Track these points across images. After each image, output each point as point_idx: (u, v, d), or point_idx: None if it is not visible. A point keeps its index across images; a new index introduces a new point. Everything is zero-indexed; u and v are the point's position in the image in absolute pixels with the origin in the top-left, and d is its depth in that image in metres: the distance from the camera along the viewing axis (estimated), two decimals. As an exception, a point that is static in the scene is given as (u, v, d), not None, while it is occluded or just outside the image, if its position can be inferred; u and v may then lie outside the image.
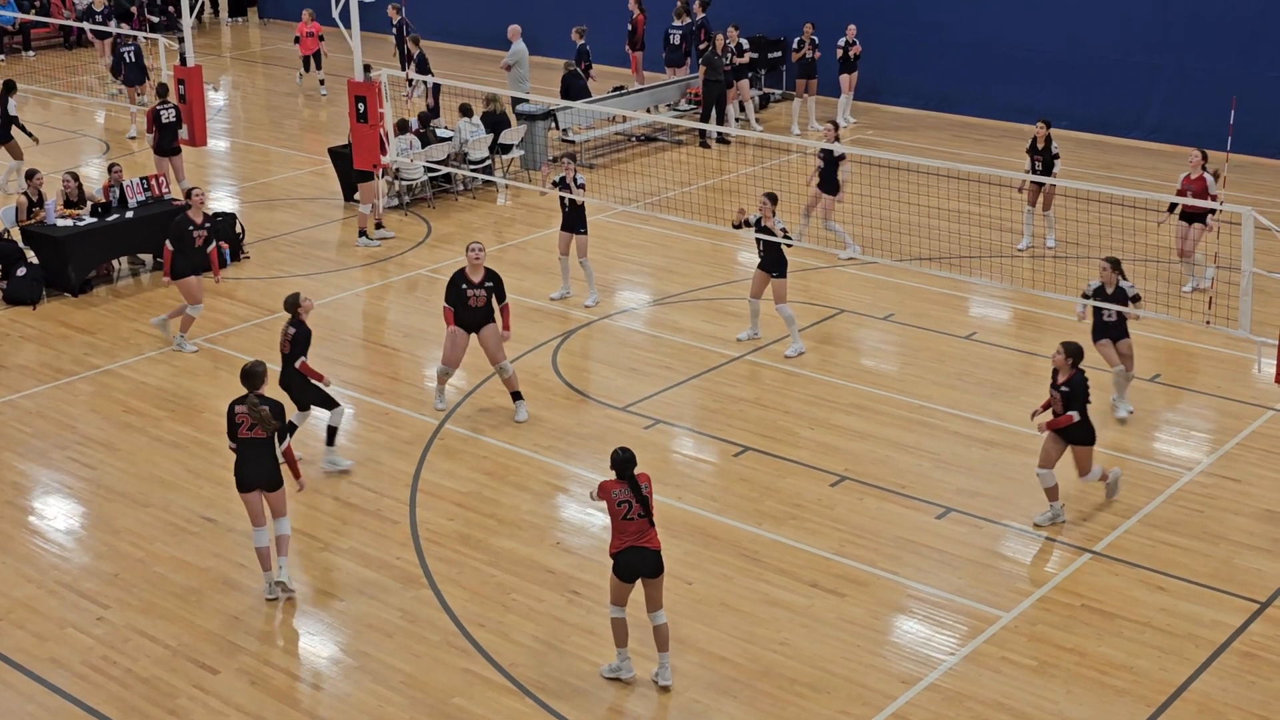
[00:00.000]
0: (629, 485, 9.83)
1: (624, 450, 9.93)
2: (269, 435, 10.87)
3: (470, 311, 13.92)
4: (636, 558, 9.83)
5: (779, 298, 15.44)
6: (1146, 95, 24.55)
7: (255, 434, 10.86)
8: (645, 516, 9.82)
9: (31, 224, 17.78)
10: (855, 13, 25.90)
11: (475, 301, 13.89)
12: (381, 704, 9.97)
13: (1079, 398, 11.89)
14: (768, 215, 15.16)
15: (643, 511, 9.80)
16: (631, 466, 9.87)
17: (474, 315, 13.95)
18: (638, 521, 9.81)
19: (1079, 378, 11.92)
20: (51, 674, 10.32)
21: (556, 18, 29.55)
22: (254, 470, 10.94)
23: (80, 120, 27.18)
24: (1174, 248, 17.46)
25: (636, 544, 9.82)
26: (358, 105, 18.77)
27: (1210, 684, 10.11)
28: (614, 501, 9.82)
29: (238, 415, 10.92)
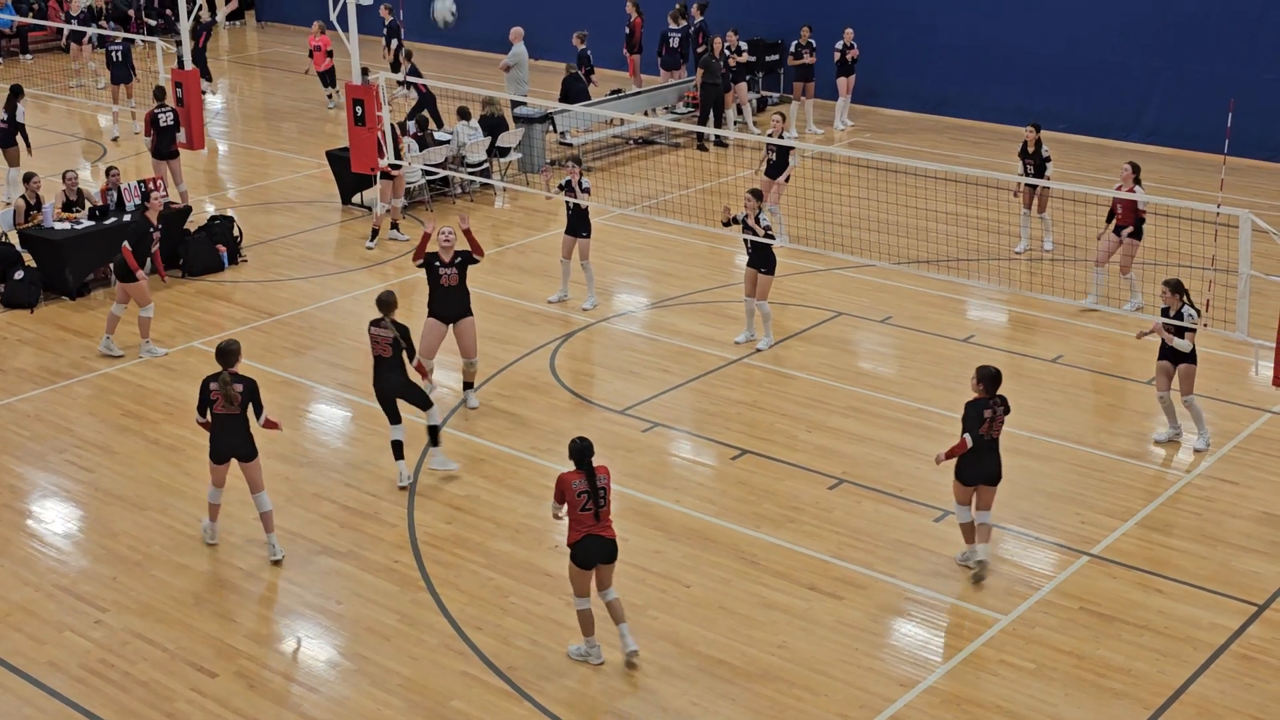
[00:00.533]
0: (587, 476, 9.96)
1: (582, 440, 10.09)
2: (241, 411, 11.36)
3: (443, 294, 13.95)
4: (595, 545, 10.03)
5: (761, 295, 15.56)
6: (1144, 98, 24.57)
7: (228, 410, 11.34)
8: (602, 507, 9.98)
9: (29, 227, 17.77)
10: (853, 16, 25.93)
11: (447, 280, 13.99)
12: (380, 707, 9.96)
13: (969, 419, 11.09)
14: (752, 212, 15.21)
15: (600, 502, 9.95)
16: (589, 456, 10.02)
17: (449, 302, 13.97)
18: (598, 512, 9.99)
19: (1006, 405, 11.26)
20: (49, 677, 10.31)
21: (555, 21, 29.57)
22: (227, 443, 11.48)
23: (77, 123, 27.17)
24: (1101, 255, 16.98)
25: (593, 532, 10.00)
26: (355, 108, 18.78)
27: (1208, 686, 10.11)
28: (574, 492, 9.96)
29: (211, 392, 11.36)
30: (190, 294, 17.82)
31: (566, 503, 10.00)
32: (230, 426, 11.42)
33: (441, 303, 14.05)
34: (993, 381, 11.15)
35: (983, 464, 11.17)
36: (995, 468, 11.22)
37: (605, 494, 10.00)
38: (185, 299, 17.66)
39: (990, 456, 11.19)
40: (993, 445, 11.19)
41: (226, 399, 11.31)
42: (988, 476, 11.23)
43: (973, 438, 11.03)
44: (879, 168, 21.71)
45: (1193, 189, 21.76)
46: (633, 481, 13.03)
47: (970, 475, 11.21)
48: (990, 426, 11.09)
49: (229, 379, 11.35)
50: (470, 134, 21.58)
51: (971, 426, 11.03)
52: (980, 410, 11.07)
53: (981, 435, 11.06)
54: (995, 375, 11.18)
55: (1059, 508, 12.56)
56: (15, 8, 33.26)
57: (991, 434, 11.13)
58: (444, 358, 15.32)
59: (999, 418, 11.14)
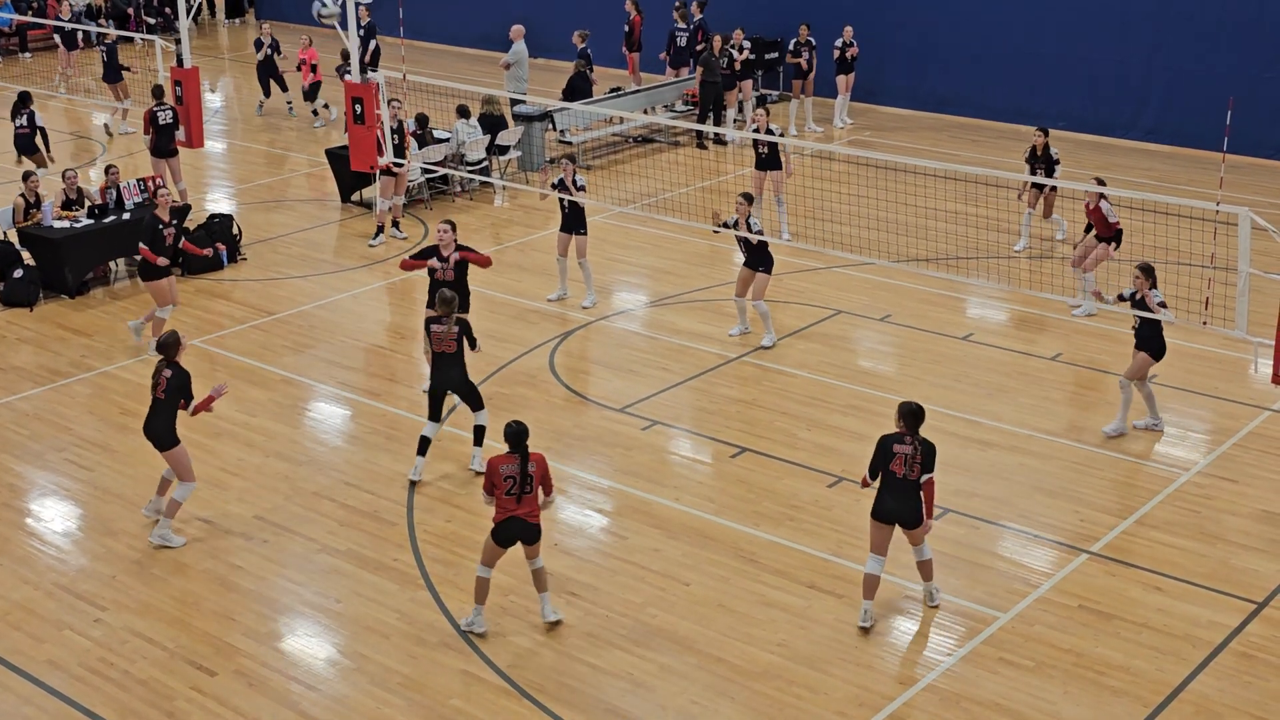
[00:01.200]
0: (520, 460, 10.22)
1: (517, 423, 10.34)
2: (166, 398, 11.66)
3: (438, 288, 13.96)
4: (518, 526, 10.35)
5: (758, 294, 15.59)
6: (1143, 96, 24.57)
7: (156, 394, 11.73)
8: (527, 493, 10.26)
9: (28, 226, 17.76)
10: (852, 14, 25.93)
11: (442, 275, 14.08)
12: (379, 706, 9.97)
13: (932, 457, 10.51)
14: (744, 215, 15.25)
15: (526, 488, 10.24)
16: (524, 440, 10.25)
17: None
18: (524, 498, 10.28)
19: (927, 445, 10.48)
20: (49, 676, 10.31)
21: (554, 19, 29.58)
22: (148, 426, 11.84)
23: (77, 122, 27.17)
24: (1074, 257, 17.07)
25: (515, 514, 10.29)
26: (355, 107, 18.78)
27: (1207, 684, 10.12)
28: (501, 476, 10.18)
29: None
30: (189, 292, 17.81)
31: (495, 485, 10.24)
32: (153, 411, 11.80)
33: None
34: (912, 417, 10.43)
35: (892, 506, 10.51)
36: (913, 510, 10.46)
37: (532, 481, 10.27)
38: (184, 297, 17.64)
39: (902, 499, 10.46)
40: (908, 486, 10.43)
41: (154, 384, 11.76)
42: (902, 518, 10.51)
43: (872, 475, 10.57)
44: (878, 166, 21.72)
45: (1192, 187, 21.76)
46: (632, 480, 13.04)
47: (882, 512, 10.56)
48: (905, 465, 10.39)
49: (160, 367, 11.71)
50: (470, 132, 21.58)
51: (872, 465, 10.54)
52: (889, 446, 10.46)
53: (894, 473, 10.44)
54: (913, 412, 10.44)
55: (1058, 505, 12.56)
56: (14, 6, 33.25)
57: (907, 474, 10.40)
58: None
59: (915, 458, 10.37)
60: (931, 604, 11.06)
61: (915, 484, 10.42)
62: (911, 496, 10.43)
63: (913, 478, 10.40)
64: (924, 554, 10.83)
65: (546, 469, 10.44)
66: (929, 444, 10.46)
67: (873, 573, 10.70)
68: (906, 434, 10.44)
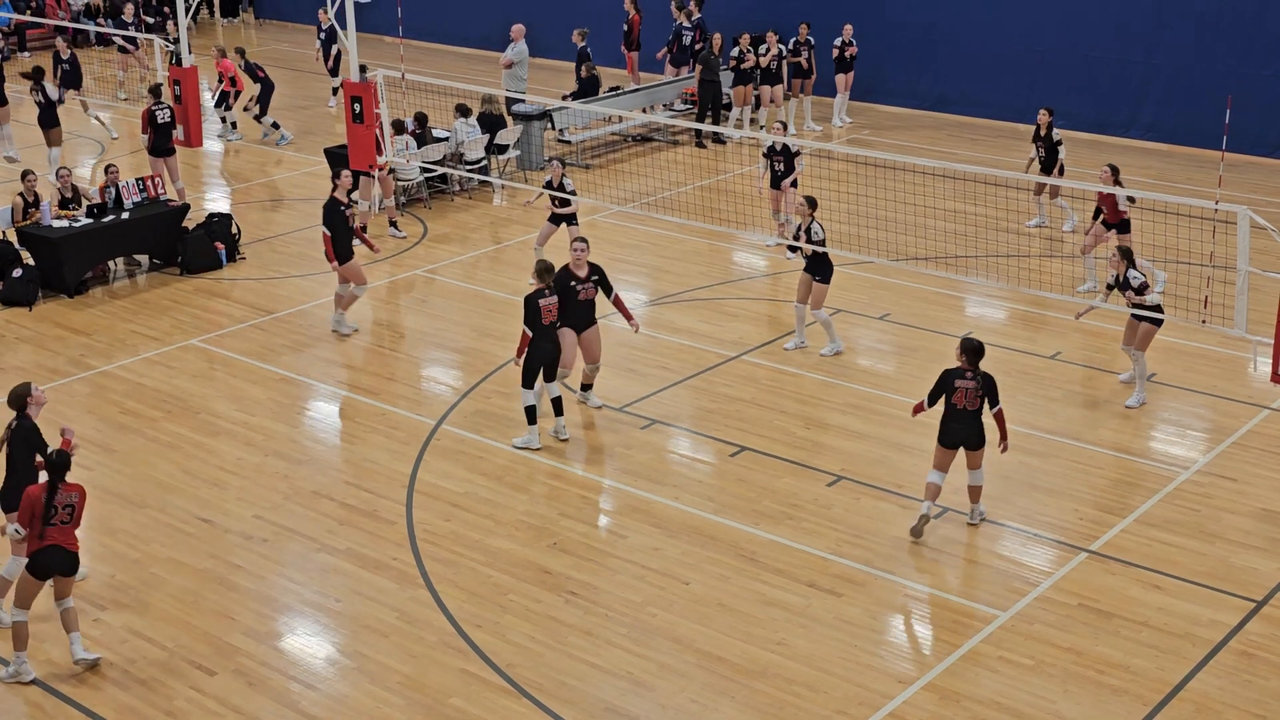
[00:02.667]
0: (74, 491, 10.01)
1: (58, 454, 10.01)
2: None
3: (579, 307, 13.93)
4: (57, 556, 9.98)
5: (817, 303, 15.40)
6: (1142, 94, 24.57)
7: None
8: (68, 524, 9.97)
9: (27, 225, 17.75)
10: (851, 13, 25.93)
11: (585, 295, 13.98)
12: (379, 705, 9.96)
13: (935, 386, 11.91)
14: (806, 220, 15.23)
15: (68, 518, 9.96)
16: (64, 472, 9.94)
17: (582, 312, 13.99)
18: (62, 527, 9.95)
19: (988, 379, 11.70)
20: (48, 676, 10.30)
21: (552, 18, 29.57)
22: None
23: (76, 121, 27.14)
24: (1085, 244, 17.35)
25: (59, 543, 9.95)
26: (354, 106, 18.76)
27: (1207, 683, 10.11)
28: (42, 504, 9.85)
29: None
30: (189, 291, 17.81)
31: (32, 512, 9.86)
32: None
33: (575, 315, 13.93)
34: (972, 354, 11.64)
35: (956, 431, 11.70)
36: (974, 435, 11.69)
37: (73, 510, 9.97)
38: (184, 296, 17.65)
39: (965, 426, 11.66)
40: (969, 416, 11.64)
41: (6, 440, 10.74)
42: (965, 441, 11.72)
43: (930, 402, 11.83)
44: (877, 164, 21.71)
45: (1191, 185, 21.77)
46: (631, 479, 13.04)
47: (947, 438, 11.76)
48: (964, 398, 11.60)
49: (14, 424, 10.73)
50: (469, 131, 21.57)
51: (935, 396, 11.78)
52: (951, 380, 11.67)
53: (955, 405, 11.63)
54: (975, 348, 11.65)
55: (1057, 504, 12.56)
56: (13, 5, 33.23)
57: (966, 405, 11.61)
58: (467, 359, 15.34)
59: (972, 392, 11.57)
60: (972, 521, 12.09)
61: (976, 413, 11.62)
62: (973, 423, 11.66)
63: (973, 409, 11.60)
64: (979, 479, 11.98)
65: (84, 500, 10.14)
66: (989, 377, 11.67)
67: (934, 482, 11.84)
68: (968, 369, 11.61)
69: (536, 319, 13.32)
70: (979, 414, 11.69)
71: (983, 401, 11.65)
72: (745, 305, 17.25)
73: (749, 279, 18.36)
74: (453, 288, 17.81)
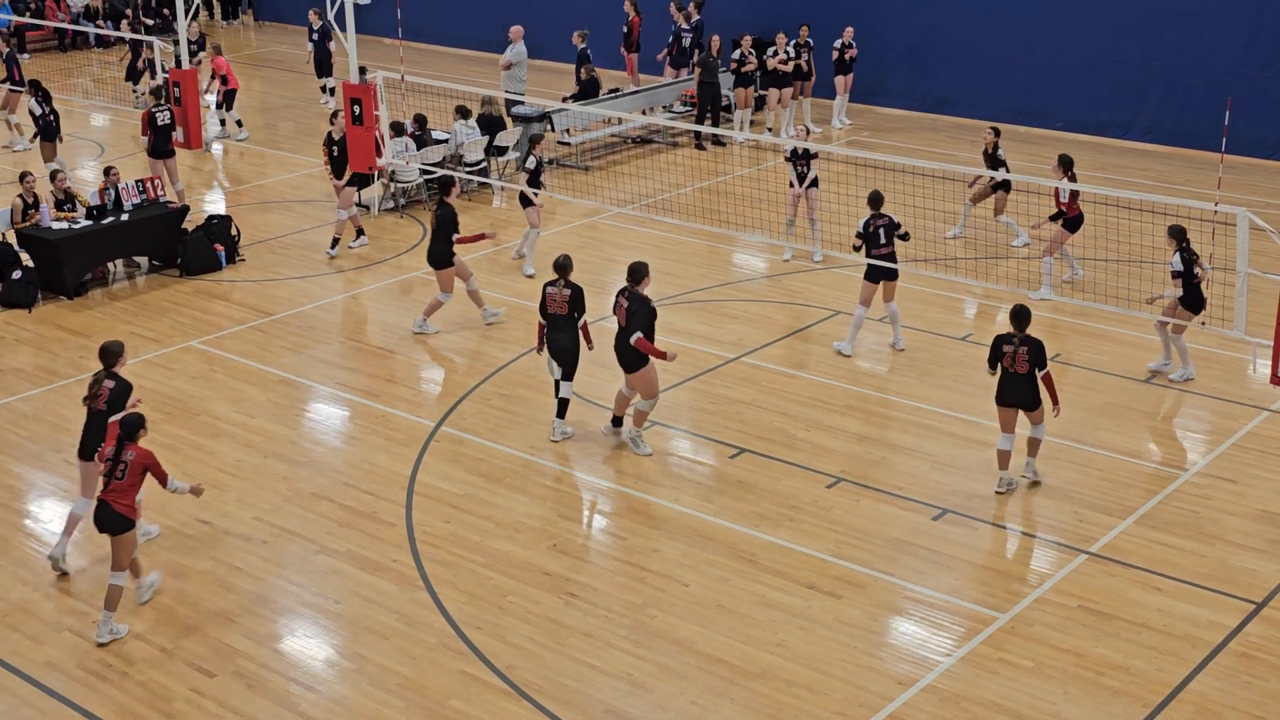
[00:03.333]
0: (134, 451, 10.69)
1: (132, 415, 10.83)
2: (106, 410, 11.35)
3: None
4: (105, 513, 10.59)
5: (888, 296, 15.70)
6: (1141, 96, 24.59)
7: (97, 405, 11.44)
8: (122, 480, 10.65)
9: (26, 227, 17.75)
10: (851, 15, 25.94)
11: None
12: (378, 707, 9.96)
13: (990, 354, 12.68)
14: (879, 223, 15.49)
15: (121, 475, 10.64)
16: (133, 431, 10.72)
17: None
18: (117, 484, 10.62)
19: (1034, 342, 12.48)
20: (47, 677, 10.30)
21: (552, 20, 29.57)
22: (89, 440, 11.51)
23: (75, 123, 27.15)
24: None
25: (108, 500, 10.61)
26: (353, 108, 18.78)
27: (1207, 684, 10.11)
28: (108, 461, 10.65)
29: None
30: (188, 293, 17.81)
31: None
32: (93, 423, 11.49)
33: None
34: (1016, 319, 12.45)
35: (1010, 392, 12.49)
36: (1026, 396, 12.43)
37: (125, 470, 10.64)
38: (183, 298, 17.65)
39: (1016, 387, 12.43)
40: (1019, 378, 12.40)
41: (92, 397, 11.44)
42: (1019, 401, 12.48)
43: (990, 367, 12.63)
44: (877, 166, 21.71)
45: (1190, 187, 21.78)
46: (631, 480, 13.03)
47: (1002, 397, 12.55)
48: (1012, 361, 12.39)
49: (102, 376, 11.49)
50: (468, 133, 21.57)
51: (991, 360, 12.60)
52: (1000, 345, 12.49)
53: (1005, 368, 12.44)
54: (1019, 313, 12.47)
55: (1057, 506, 12.56)
56: (12, 7, 33.23)
57: (1015, 368, 12.37)
58: (458, 360, 15.33)
59: (1020, 354, 12.34)
60: (1025, 475, 12.81)
61: (1027, 376, 12.36)
62: (1024, 385, 12.41)
63: (1022, 372, 12.35)
64: (1039, 433, 12.75)
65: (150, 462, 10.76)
66: (1036, 342, 12.39)
67: (1004, 449, 12.65)
68: (1014, 334, 12.41)
69: (543, 308, 13.49)
70: (1030, 377, 12.36)
71: (1031, 365, 12.32)
72: (744, 307, 17.25)
73: (748, 281, 18.37)
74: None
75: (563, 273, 13.47)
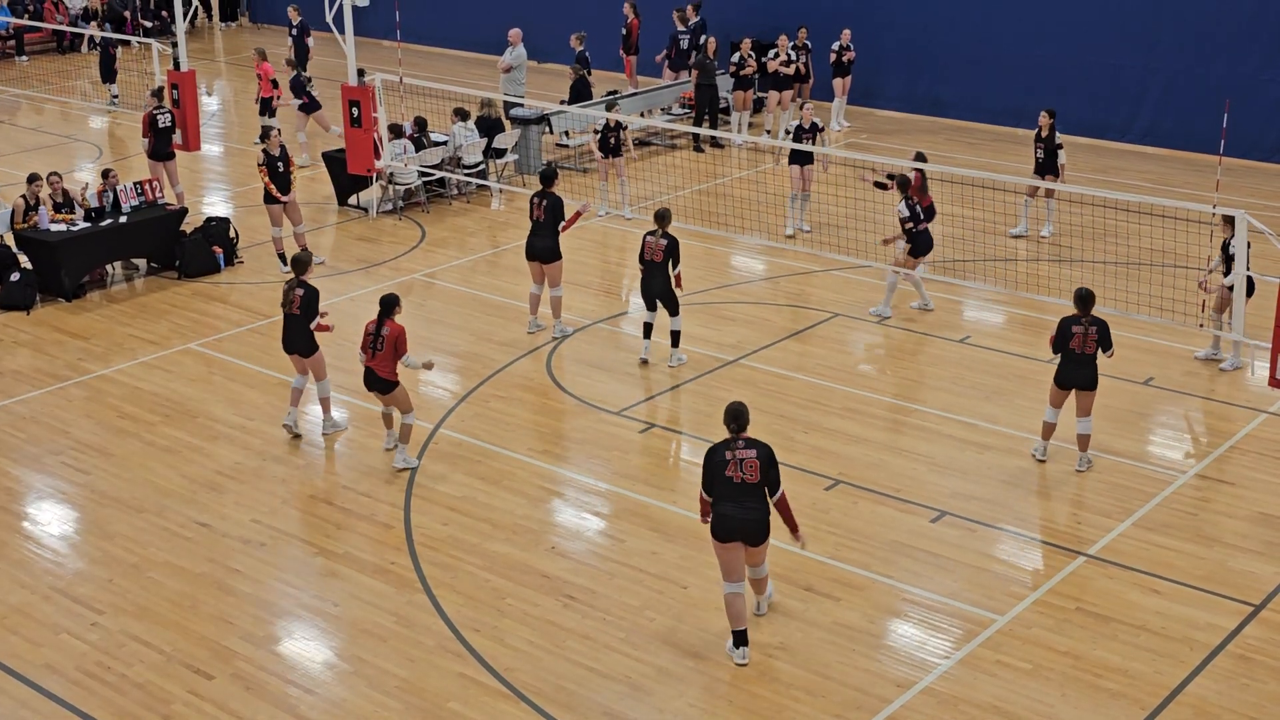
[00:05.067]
0: (388, 327, 12.76)
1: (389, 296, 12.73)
2: (301, 314, 13.55)
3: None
4: (371, 377, 12.78)
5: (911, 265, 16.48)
6: (1140, 99, 24.60)
7: (292, 310, 13.55)
8: (382, 350, 12.83)
9: (25, 228, 17.75)
10: (849, 17, 25.95)
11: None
12: (377, 709, 9.96)
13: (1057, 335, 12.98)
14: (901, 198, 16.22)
15: (381, 347, 12.84)
16: (390, 309, 12.74)
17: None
18: (378, 355, 12.68)
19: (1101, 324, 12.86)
20: (46, 680, 10.30)
21: (551, 22, 29.58)
22: (289, 341, 13.79)
23: (74, 125, 27.16)
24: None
25: (371, 366, 12.65)
26: (351, 110, 18.78)
27: (1205, 687, 10.12)
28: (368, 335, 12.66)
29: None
30: (186, 295, 17.81)
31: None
32: (292, 326, 13.64)
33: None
34: (1082, 302, 12.76)
35: (1072, 374, 12.83)
36: (1087, 377, 12.82)
37: (382, 343, 12.74)
38: (181, 300, 17.65)
39: (1080, 369, 12.80)
40: (1084, 359, 12.77)
41: (287, 301, 13.54)
42: (1079, 383, 12.85)
43: (1055, 349, 12.89)
44: (875, 169, 21.69)
45: (1188, 189, 21.79)
46: (629, 483, 13.04)
47: (1062, 380, 12.88)
48: (1081, 342, 12.74)
49: (293, 285, 13.56)
50: (467, 135, 21.58)
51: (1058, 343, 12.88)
52: (1068, 327, 12.79)
53: (1073, 350, 12.74)
54: (1085, 295, 12.77)
55: (1055, 508, 12.57)
56: (11, 9, 33.24)
57: (1084, 350, 12.74)
58: (456, 362, 15.35)
59: (1090, 335, 12.73)
60: (1079, 469, 13.06)
61: (1092, 357, 12.77)
62: (1089, 365, 12.78)
63: (1089, 352, 12.73)
64: (1087, 427, 12.99)
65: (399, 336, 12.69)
66: (1103, 322, 12.81)
67: (1050, 421, 13.14)
68: (1082, 315, 12.71)
69: (641, 254, 15.18)
70: (1094, 358, 12.78)
71: (1098, 346, 12.75)
72: (743, 309, 17.26)
73: (747, 283, 18.37)
74: (451, 292, 17.81)
75: (662, 223, 14.88)
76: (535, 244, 16.01)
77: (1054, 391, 13.01)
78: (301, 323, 13.62)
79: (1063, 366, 12.88)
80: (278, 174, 18.04)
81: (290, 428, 13.97)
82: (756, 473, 9.96)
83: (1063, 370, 12.89)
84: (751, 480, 9.98)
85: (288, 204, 18.32)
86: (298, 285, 13.58)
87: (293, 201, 18.42)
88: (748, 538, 10.05)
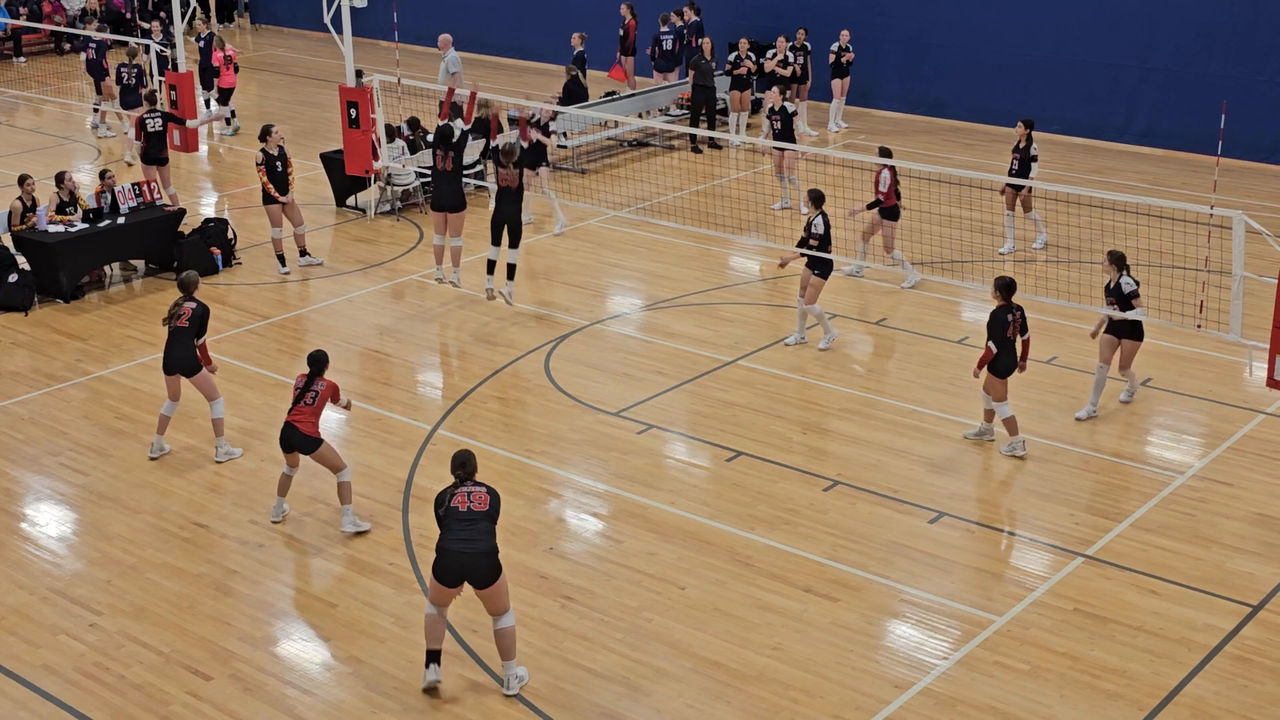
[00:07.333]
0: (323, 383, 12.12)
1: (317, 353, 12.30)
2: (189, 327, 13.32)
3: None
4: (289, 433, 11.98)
5: (811, 298, 15.66)
6: (1137, 99, 24.61)
7: (178, 324, 13.29)
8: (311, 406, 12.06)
9: (23, 230, 17.74)
10: (847, 18, 25.97)
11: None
12: (375, 710, 9.96)
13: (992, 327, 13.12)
14: (813, 213, 15.55)
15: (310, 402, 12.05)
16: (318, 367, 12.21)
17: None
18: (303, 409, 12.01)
19: (994, 313, 13.13)
20: (44, 681, 10.30)
21: (551, 23, 29.59)
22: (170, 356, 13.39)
23: (72, 126, 27.16)
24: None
25: (292, 421, 11.99)
26: (349, 111, 18.77)
27: (1203, 688, 10.13)
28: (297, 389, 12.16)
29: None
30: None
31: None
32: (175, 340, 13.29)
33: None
34: (1007, 289, 13.07)
35: (1011, 361, 13.24)
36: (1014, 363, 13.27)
37: (316, 397, 12.02)
38: (179, 302, 17.63)
39: (1014, 356, 13.23)
40: (1013, 346, 13.16)
41: (172, 316, 13.29)
42: (1014, 369, 13.30)
43: (997, 344, 13.03)
44: (873, 169, 21.69)
45: (1186, 190, 21.80)
46: (627, 484, 13.04)
47: (1004, 369, 13.19)
48: (1015, 330, 13.11)
49: (181, 300, 13.34)
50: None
51: (995, 334, 13.02)
52: (1003, 316, 13.04)
53: (1007, 338, 13.07)
54: (1009, 284, 13.11)
55: (1053, 509, 12.57)
56: (9, 10, 33.22)
57: (1015, 336, 13.12)
58: (454, 362, 15.33)
59: (1017, 320, 13.12)
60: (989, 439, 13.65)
61: (1014, 342, 13.20)
62: (1014, 352, 13.24)
63: (1013, 338, 13.17)
64: (1007, 411, 13.35)
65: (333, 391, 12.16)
66: (1021, 308, 13.30)
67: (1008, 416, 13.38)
68: (1007, 304, 13.09)
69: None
70: (1015, 342, 13.23)
71: (1019, 331, 13.23)
72: (741, 310, 17.27)
73: (744, 283, 18.38)
74: (449, 292, 17.80)
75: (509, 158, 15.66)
76: (443, 194, 16.17)
77: (1000, 385, 13.24)
78: (187, 337, 13.27)
79: (1001, 356, 13.14)
80: (276, 174, 18.03)
81: (155, 457, 13.60)
82: (485, 503, 9.83)
83: (1001, 359, 13.16)
84: (479, 508, 9.79)
85: (287, 204, 18.30)
86: (187, 300, 13.40)
87: (292, 202, 18.41)
88: (474, 577, 9.65)
